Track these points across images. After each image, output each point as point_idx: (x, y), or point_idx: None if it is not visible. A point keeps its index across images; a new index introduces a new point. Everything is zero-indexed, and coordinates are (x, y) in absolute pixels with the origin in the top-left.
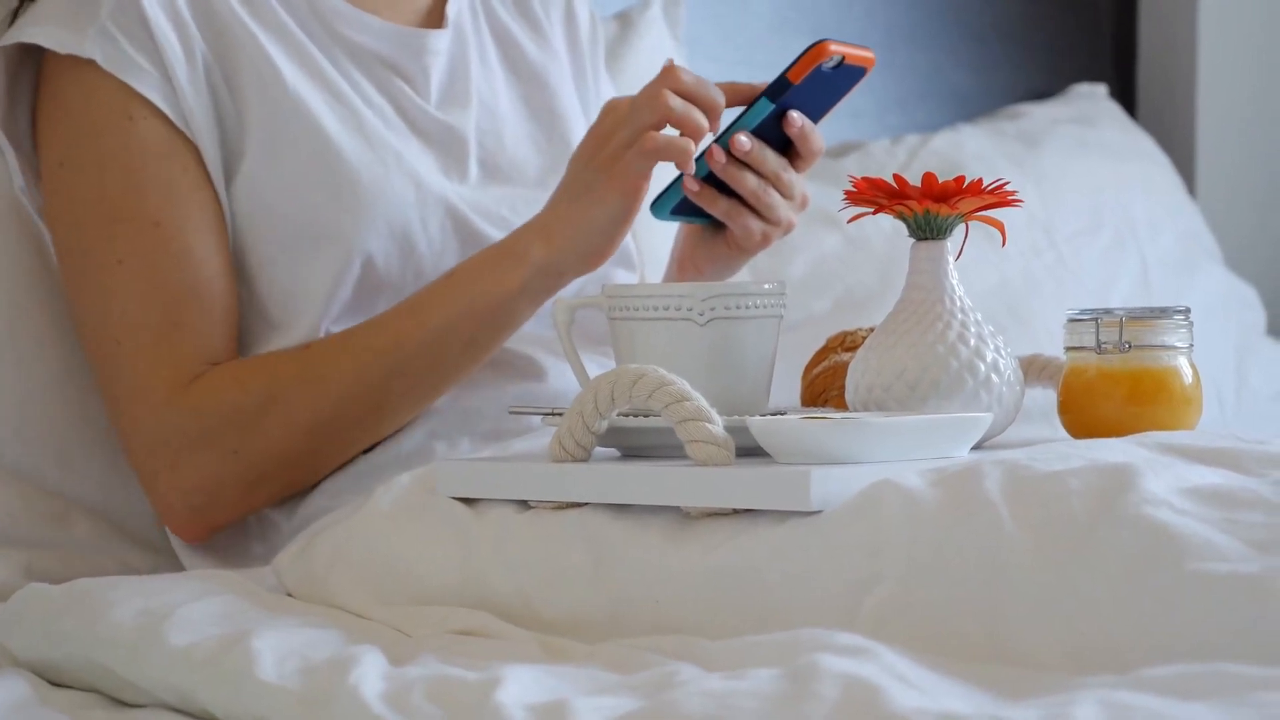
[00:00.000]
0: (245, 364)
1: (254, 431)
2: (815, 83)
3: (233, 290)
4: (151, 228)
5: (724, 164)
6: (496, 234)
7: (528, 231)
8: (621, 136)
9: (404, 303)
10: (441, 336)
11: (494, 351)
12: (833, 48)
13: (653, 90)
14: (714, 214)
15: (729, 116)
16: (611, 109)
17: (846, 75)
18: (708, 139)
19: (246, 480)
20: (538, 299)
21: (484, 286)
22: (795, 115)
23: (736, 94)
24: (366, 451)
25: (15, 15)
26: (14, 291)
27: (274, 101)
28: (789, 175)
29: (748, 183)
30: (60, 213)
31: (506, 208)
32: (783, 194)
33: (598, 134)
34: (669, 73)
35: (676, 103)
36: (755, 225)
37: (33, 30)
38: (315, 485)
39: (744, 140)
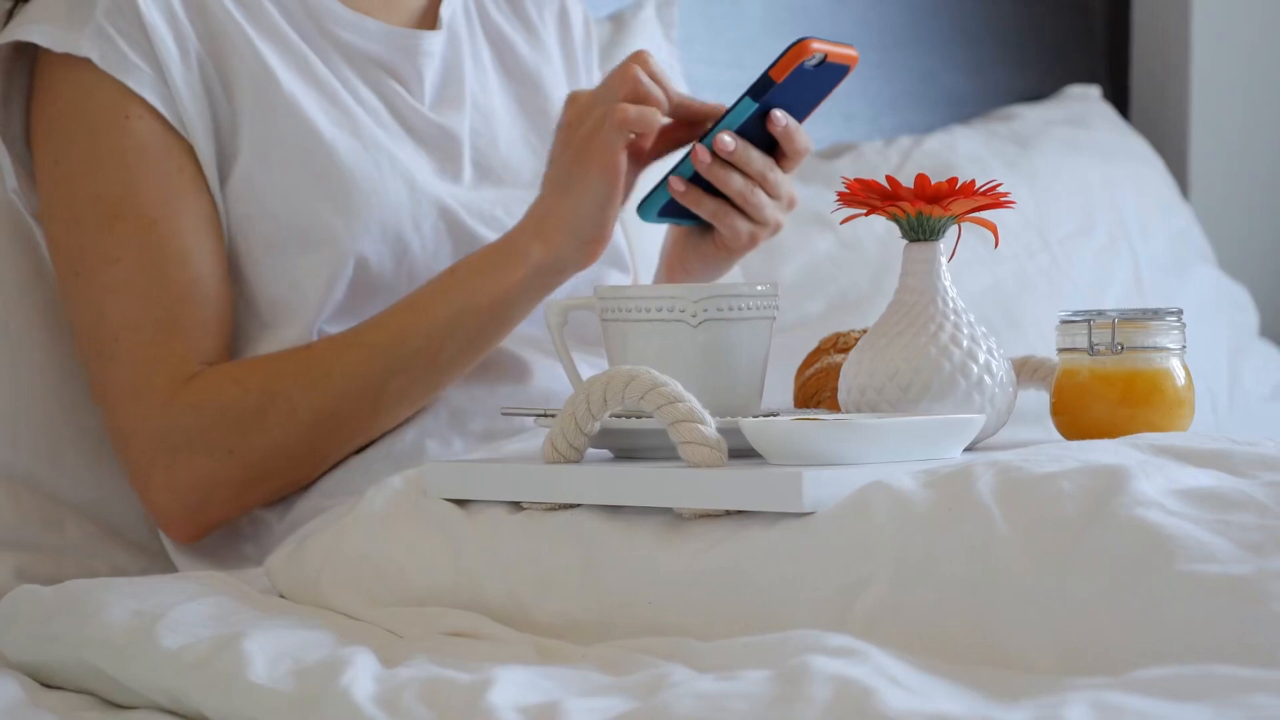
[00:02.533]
0: (244, 363)
1: (253, 430)
2: (798, 81)
3: (227, 290)
4: (149, 226)
5: (709, 164)
6: (490, 235)
7: (524, 231)
8: (595, 115)
9: (404, 300)
10: (442, 334)
11: (492, 349)
12: (815, 46)
13: (623, 67)
14: (701, 215)
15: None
16: (573, 100)
17: (830, 74)
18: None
19: (243, 479)
20: (537, 296)
21: (484, 284)
22: (779, 114)
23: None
24: (358, 451)
25: (10, 16)
26: (5, 293)
27: (268, 104)
28: (775, 175)
29: (734, 183)
30: (55, 211)
31: (501, 209)
32: (769, 194)
33: (566, 125)
34: (639, 54)
35: (645, 79)
36: (743, 226)
37: (28, 29)
38: (306, 485)
39: (728, 140)
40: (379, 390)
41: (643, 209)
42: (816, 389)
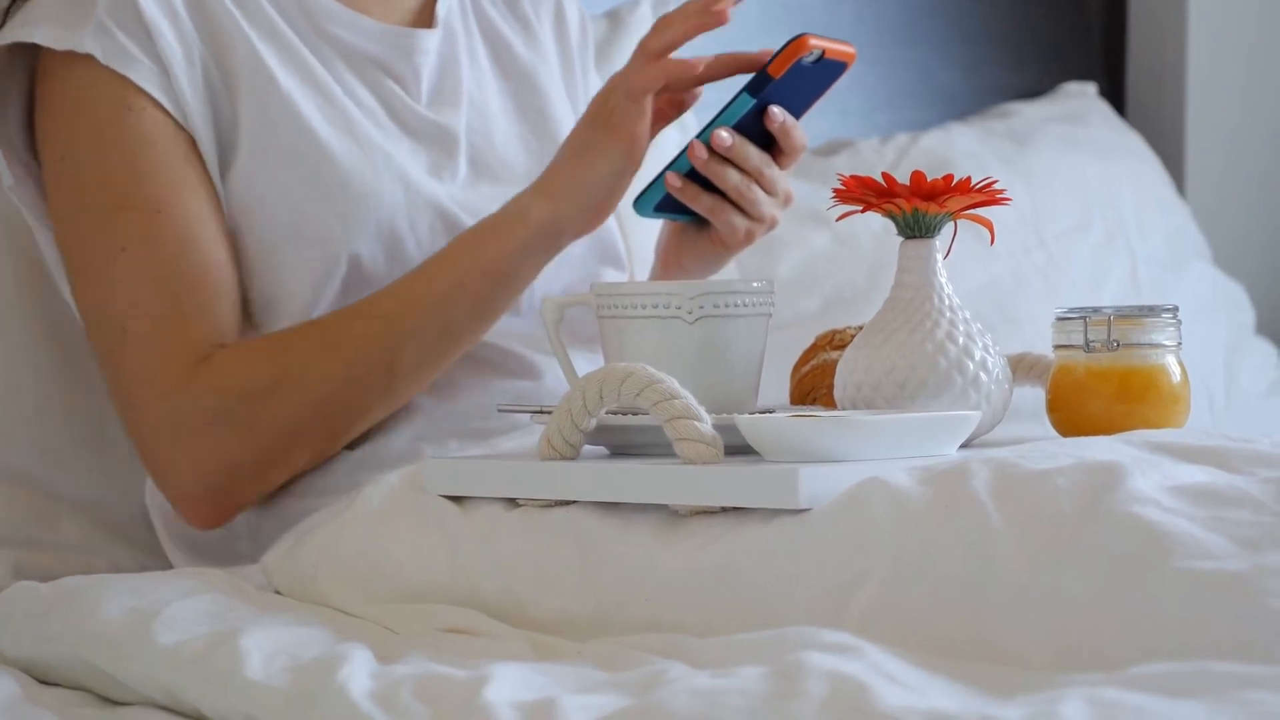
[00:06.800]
0: (255, 341)
1: (267, 406)
2: (796, 78)
3: (235, 274)
4: (153, 215)
5: (706, 160)
6: None
7: (529, 193)
8: (618, 91)
9: (412, 270)
10: (448, 298)
11: (501, 314)
12: (813, 42)
13: (638, 45)
14: (697, 210)
15: (710, 112)
16: (610, 79)
17: (827, 70)
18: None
19: (262, 457)
20: (539, 259)
21: (486, 246)
22: (776, 110)
23: (726, 64)
24: (353, 450)
25: (6, 15)
26: (1, 291)
27: (266, 102)
28: (771, 171)
29: (730, 179)
30: (63, 205)
31: (497, 206)
32: (766, 190)
33: (597, 100)
34: (657, 22)
35: (656, 42)
36: (739, 222)
37: (29, 29)
38: (301, 485)
39: (725, 136)
40: (390, 360)
41: (639, 204)
42: (812, 386)
